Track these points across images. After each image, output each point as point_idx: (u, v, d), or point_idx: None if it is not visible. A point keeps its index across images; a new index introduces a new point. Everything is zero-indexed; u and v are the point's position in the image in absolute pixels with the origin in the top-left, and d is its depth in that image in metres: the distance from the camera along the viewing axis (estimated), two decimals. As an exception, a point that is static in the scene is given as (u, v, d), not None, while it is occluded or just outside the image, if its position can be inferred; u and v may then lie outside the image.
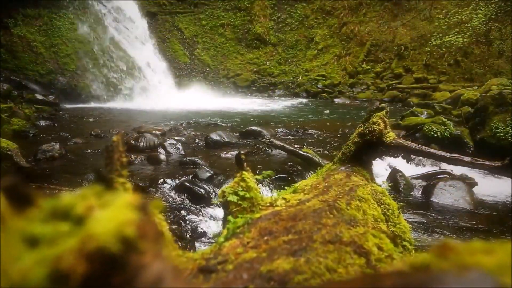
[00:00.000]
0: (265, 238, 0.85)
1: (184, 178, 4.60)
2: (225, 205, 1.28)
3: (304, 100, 15.06)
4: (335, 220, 1.10)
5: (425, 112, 8.30)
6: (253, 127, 7.34)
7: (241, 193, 1.24)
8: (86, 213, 0.23)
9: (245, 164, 1.34)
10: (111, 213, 0.23)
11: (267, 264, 0.65)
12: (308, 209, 1.17)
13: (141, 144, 5.93)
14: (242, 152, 1.42)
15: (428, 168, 5.58)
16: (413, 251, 1.54)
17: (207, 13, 19.85)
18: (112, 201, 0.24)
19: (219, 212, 3.78)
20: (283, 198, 1.35)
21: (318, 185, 1.66)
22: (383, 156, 5.59)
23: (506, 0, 13.42)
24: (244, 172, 1.31)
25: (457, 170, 4.99)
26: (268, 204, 1.26)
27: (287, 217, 1.05)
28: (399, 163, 5.64)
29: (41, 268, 0.20)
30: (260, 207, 1.24)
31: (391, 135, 2.27)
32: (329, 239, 0.87)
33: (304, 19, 19.78)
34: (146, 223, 0.23)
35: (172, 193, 4.39)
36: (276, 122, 9.20)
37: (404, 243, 1.54)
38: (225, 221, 1.22)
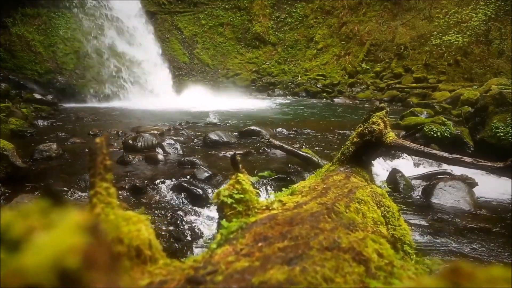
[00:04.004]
0: (260, 244, 0.81)
1: (182, 179, 4.56)
2: (220, 208, 1.24)
3: (304, 100, 15.02)
4: (333, 224, 1.05)
5: (425, 112, 8.28)
6: (252, 127, 7.29)
7: (236, 196, 1.20)
8: (25, 236, 0.19)
9: (240, 165, 1.30)
10: (54, 237, 0.19)
11: (260, 274, 0.61)
12: (306, 212, 1.13)
13: (139, 144, 5.89)
14: (237, 152, 1.38)
15: (428, 168, 5.54)
16: (414, 255, 1.50)
17: (206, 12, 19.80)
18: (58, 221, 0.20)
19: (217, 213, 3.75)
20: (280, 201, 1.31)
21: (316, 187, 1.62)
22: (383, 157, 5.56)
23: (506, -1, 13.38)
24: (239, 174, 1.27)
25: (457, 170, 4.95)
26: (264, 207, 1.22)
27: (283, 222, 1.01)
28: (399, 163, 5.60)
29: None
30: (256, 210, 1.20)
31: (391, 135, 2.23)
32: (326, 246, 0.83)
33: (304, 18, 19.73)
34: (97, 248, 0.19)
35: (170, 194, 4.35)
36: (275, 122, 9.16)
37: (405, 246, 1.50)
38: (219, 225, 1.18)
